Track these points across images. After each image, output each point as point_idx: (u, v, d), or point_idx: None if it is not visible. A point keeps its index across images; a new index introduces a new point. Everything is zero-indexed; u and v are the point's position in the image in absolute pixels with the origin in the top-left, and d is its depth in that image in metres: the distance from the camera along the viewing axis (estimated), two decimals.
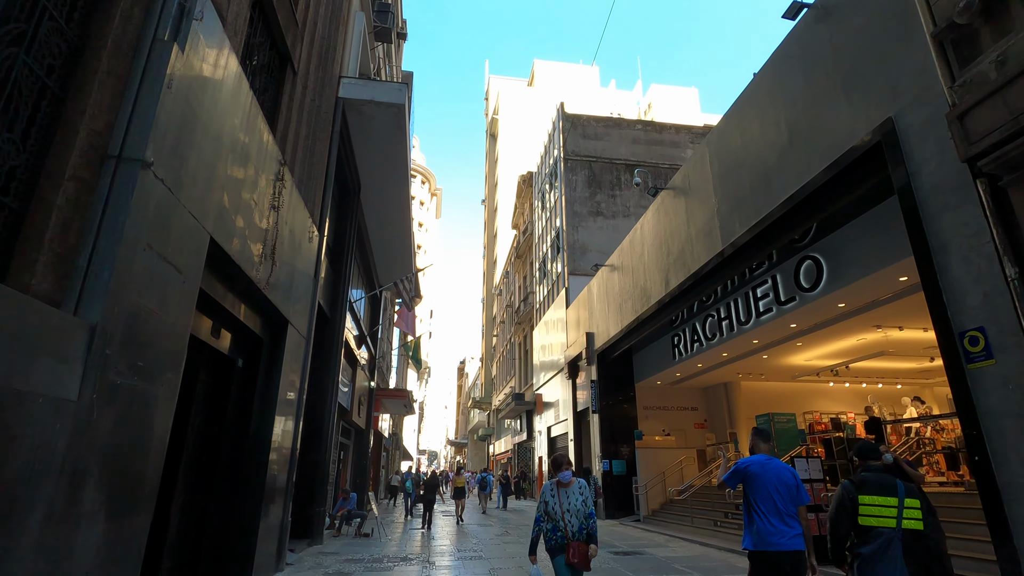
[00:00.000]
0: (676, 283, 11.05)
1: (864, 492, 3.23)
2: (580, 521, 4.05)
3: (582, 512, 4.08)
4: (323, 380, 10.46)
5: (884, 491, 3.18)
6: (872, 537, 3.10)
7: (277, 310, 6.57)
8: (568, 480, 4.18)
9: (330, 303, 10.98)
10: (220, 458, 5.98)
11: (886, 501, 3.16)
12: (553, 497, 4.16)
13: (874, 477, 3.28)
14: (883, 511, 3.13)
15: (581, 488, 4.17)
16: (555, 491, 4.18)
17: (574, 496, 4.12)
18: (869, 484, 3.24)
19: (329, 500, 12.82)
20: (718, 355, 12.72)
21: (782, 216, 8.05)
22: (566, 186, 22.43)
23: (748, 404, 15.82)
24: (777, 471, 3.59)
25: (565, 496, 4.13)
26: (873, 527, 3.12)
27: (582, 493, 4.14)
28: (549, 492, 4.20)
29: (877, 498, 3.17)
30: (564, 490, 4.16)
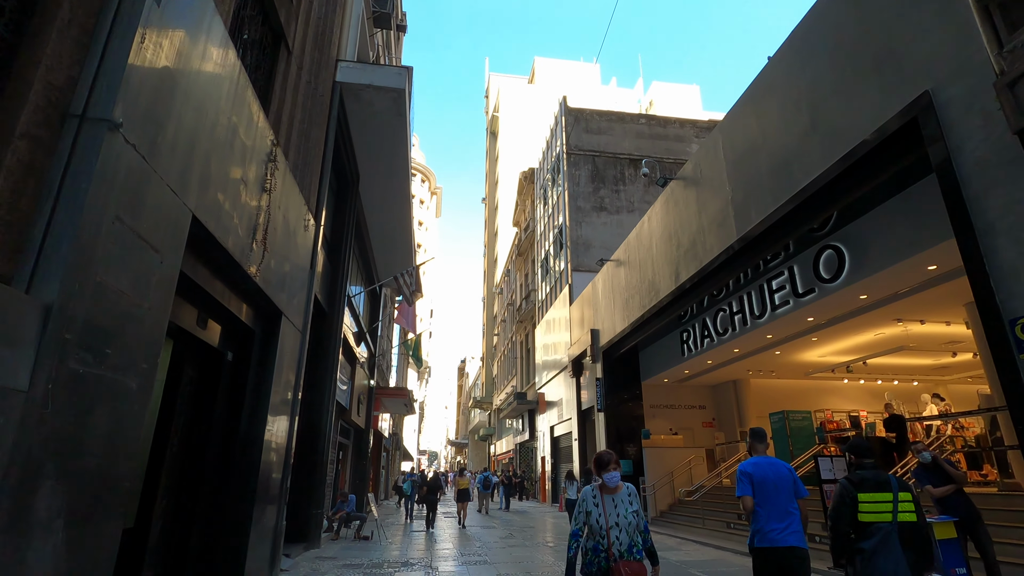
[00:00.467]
0: (687, 276, 10.64)
1: (862, 490, 3.32)
2: (630, 537, 3.14)
3: (633, 525, 3.18)
4: (320, 377, 10.06)
5: (880, 487, 3.30)
6: (871, 532, 3.22)
7: (270, 300, 6.17)
8: (616, 484, 3.28)
9: (328, 297, 10.57)
10: (208, 458, 5.57)
11: (882, 497, 3.27)
12: (597, 507, 3.24)
13: (870, 474, 3.38)
14: (880, 507, 3.25)
15: (631, 495, 3.29)
16: (599, 498, 3.27)
17: (623, 505, 3.22)
18: (866, 482, 3.34)
19: (327, 502, 12.43)
20: (729, 351, 12.31)
21: (803, 203, 7.65)
22: (569, 181, 22.03)
23: (758, 402, 15.42)
24: (775, 469, 3.68)
25: (611, 504, 3.23)
26: (872, 523, 3.24)
27: (632, 502, 3.24)
28: (591, 500, 3.28)
29: (874, 495, 3.29)
30: (610, 497, 3.25)
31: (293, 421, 7.41)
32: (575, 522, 3.35)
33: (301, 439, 9.57)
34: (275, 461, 6.68)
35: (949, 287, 8.13)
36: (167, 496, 5.06)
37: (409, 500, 15.36)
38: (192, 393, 5.47)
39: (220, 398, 5.79)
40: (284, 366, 6.90)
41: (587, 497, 3.32)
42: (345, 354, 13.19)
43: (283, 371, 6.86)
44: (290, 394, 7.30)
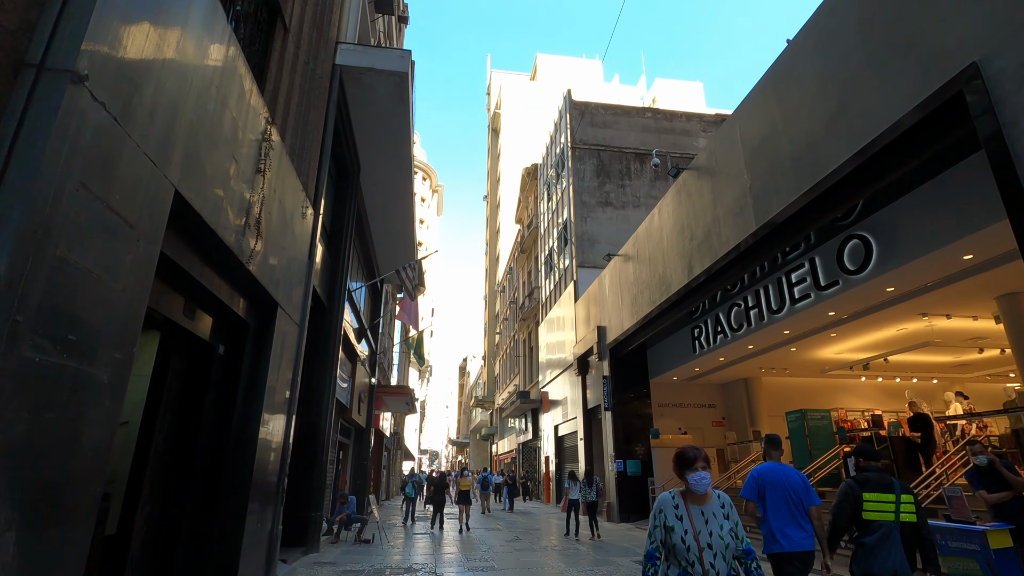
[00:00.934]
0: (701, 268, 10.22)
1: (866, 489, 3.48)
2: (728, 565, 2.39)
3: (731, 548, 2.41)
4: (319, 373, 9.67)
5: (884, 488, 3.46)
6: (873, 529, 3.37)
7: (264, 290, 5.76)
8: (705, 490, 2.48)
9: (327, 291, 10.17)
10: (198, 458, 5.16)
11: (886, 498, 3.42)
12: (681, 520, 2.45)
13: (875, 476, 3.54)
14: (883, 506, 3.40)
15: (725, 506, 2.51)
16: (682, 509, 2.48)
17: (715, 520, 2.43)
18: (871, 482, 3.50)
19: (327, 504, 12.04)
20: (743, 348, 11.90)
21: (828, 191, 7.25)
22: (574, 176, 21.61)
23: (770, 400, 15.01)
24: (787, 476, 3.81)
25: (700, 519, 2.44)
26: (874, 520, 3.38)
27: (728, 515, 2.47)
28: (672, 510, 2.49)
29: (878, 495, 3.44)
30: (698, 509, 2.47)
31: (290, 419, 7.01)
32: (649, 539, 2.56)
33: (299, 438, 9.17)
34: (271, 461, 6.29)
35: (980, 280, 7.73)
36: (152, 499, 4.67)
37: (410, 502, 14.76)
38: (180, 389, 5.07)
39: (211, 394, 5.39)
40: (280, 361, 6.50)
41: (666, 507, 2.51)
42: (345, 351, 12.80)
43: (279, 367, 6.46)
44: (287, 391, 6.90)
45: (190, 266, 4.42)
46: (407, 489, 14.91)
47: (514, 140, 51.43)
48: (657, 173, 22.40)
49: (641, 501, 14.49)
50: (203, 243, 4.47)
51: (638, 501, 14.49)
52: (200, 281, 4.61)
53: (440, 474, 13.95)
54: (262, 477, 5.96)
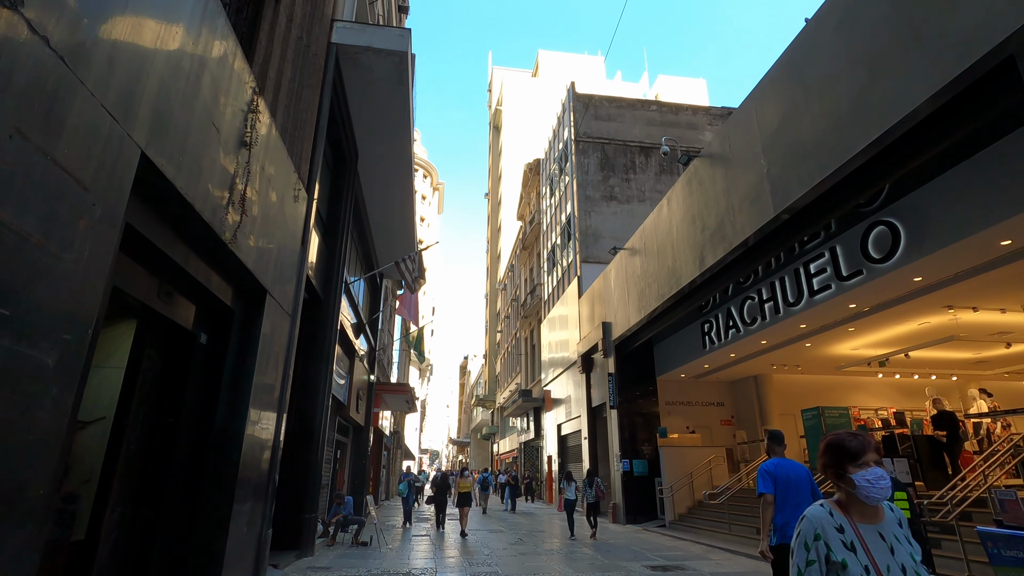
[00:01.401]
0: (714, 259, 9.76)
1: None
2: None
3: None
4: (315, 368, 9.24)
5: None
6: None
7: (251, 275, 5.33)
8: (883, 497, 1.69)
9: (323, 283, 9.74)
10: (176, 456, 4.73)
11: None
12: (853, 551, 1.65)
13: None
14: None
15: (902, 523, 1.78)
16: (850, 532, 1.69)
17: (900, 546, 1.68)
18: None
19: (324, 504, 11.61)
20: (756, 343, 11.45)
21: (854, 173, 6.83)
22: (578, 169, 21.16)
23: (781, 398, 14.57)
24: (795, 470, 3.96)
25: (880, 544, 1.67)
26: None
27: (908, 536, 1.73)
28: (835, 536, 1.69)
29: None
30: (874, 530, 1.70)
31: (281, 415, 6.58)
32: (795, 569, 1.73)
33: (293, 436, 8.75)
34: (260, 460, 5.85)
35: (1013, 269, 7.28)
36: (124, 501, 4.23)
37: (407, 502, 14.11)
38: (157, 381, 4.64)
39: (192, 387, 4.95)
40: (270, 353, 6.06)
41: (825, 530, 1.70)
42: (343, 346, 12.36)
43: (269, 359, 6.02)
44: (278, 385, 6.47)
45: (164, 243, 3.98)
46: (400, 487, 14.26)
47: (516, 137, 50.98)
48: (663, 167, 21.95)
49: (648, 502, 14.05)
50: (178, 217, 4.04)
51: (645, 502, 14.05)
52: (176, 260, 4.17)
53: (442, 473, 13.51)
54: (249, 477, 5.53)
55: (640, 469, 14.26)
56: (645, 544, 10.41)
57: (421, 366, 46.96)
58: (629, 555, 9.04)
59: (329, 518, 10.70)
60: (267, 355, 5.93)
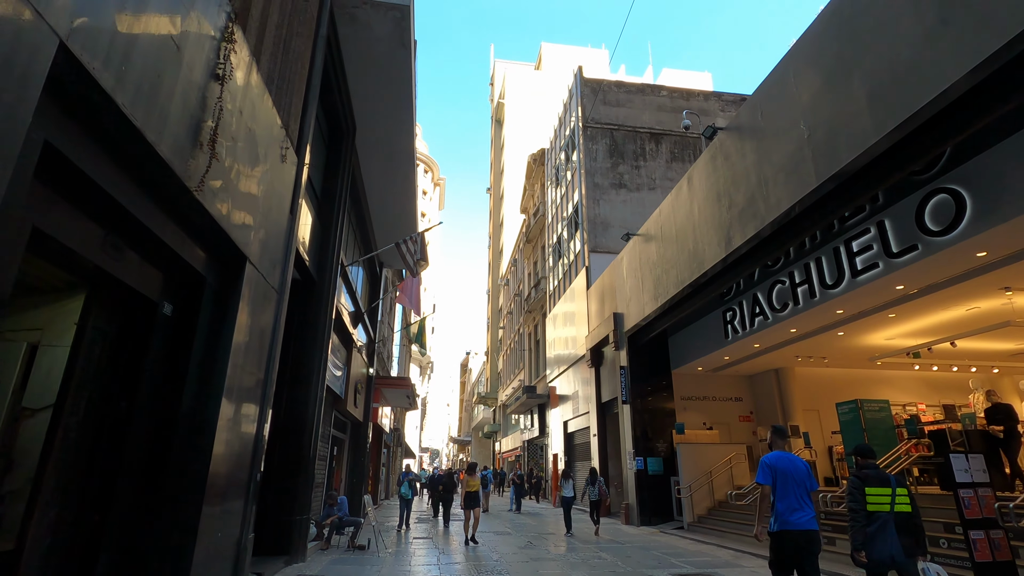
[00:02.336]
0: (743, 239, 8.95)
1: (868, 484, 4.04)
2: None
3: None
4: (307, 355, 8.45)
5: (882, 483, 4.02)
6: (873, 520, 3.92)
7: (227, 237, 4.52)
8: None
9: (317, 264, 8.93)
10: (127, 449, 3.93)
11: (883, 492, 3.98)
12: None
13: (873, 472, 4.12)
14: (881, 499, 3.95)
15: None
16: None
17: None
18: (871, 478, 4.07)
19: (320, 505, 10.82)
20: (784, 332, 10.63)
21: (918, 131, 6.02)
22: (585, 156, 20.34)
23: (804, 393, 13.78)
24: (793, 463, 4.18)
25: None
26: (874, 512, 3.93)
27: None
28: None
29: (878, 489, 4.00)
30: None
31: (266, 404, 5.77)
32: None
33: (282, 429, 7.96)
34: (237, 454, 5.05)
35: None
36: (59, 503, 3.43)
37: (406, 504, 12.55)
38: (106, 358, 3.83)
39: (151, 366, 4.15)
40: (251, 331, 5.26)
41: None
42: (339, 334, 11.57)
43: (250, 338, 5.22)
44: (262, 370, 5.66)
45: (104, 178, 3.17)
46: (402, 489, 12.62)
47: (518, 130, 50.16)
48: (674, 154, 21.14)
49: (664, 502, 13.25)
50: (123, 146, 3.22)
51: (661, 502, 13.24)
52: (121, 202, 3.35)
53: (448, 472, 12.66)
54: (224, 474, 4.73)
55: (655, 467, 13.45)
56: (666, 549, 9.61)
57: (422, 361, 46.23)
58: (652, 562, 8.24)
59: (322, 519, 9.90)
60: (247, 333, 5.12)
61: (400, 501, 12.69)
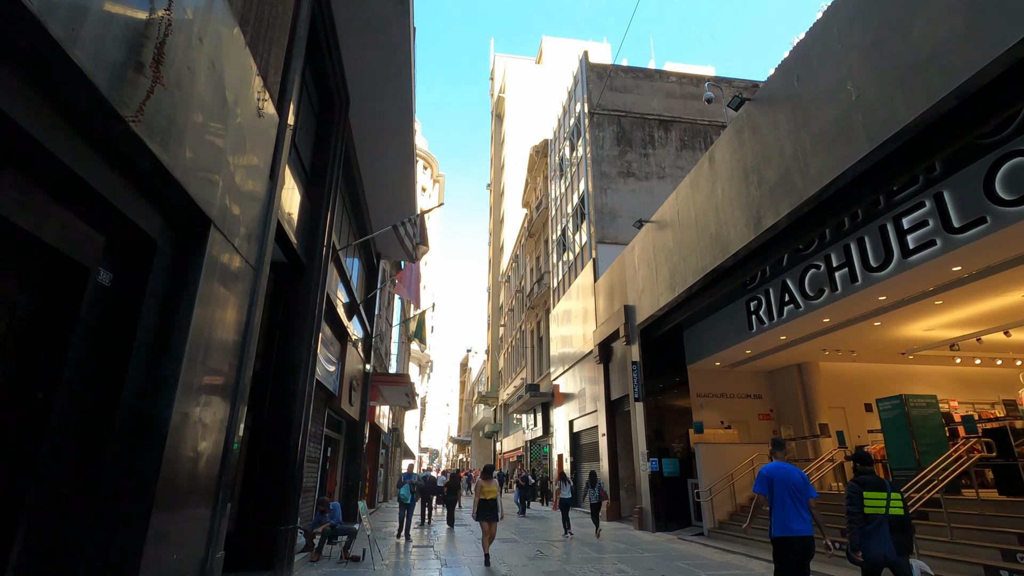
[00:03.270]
0: (776, 218, 8.11)
1: (866, 489, 4.35)
2: None
3: None
4: (295, 347, 7.60)
5: (878, 487, 4.34)
6: (870, 521, 4.23)
7: (181, 191, 3.66)
8: None
9: (306, 245, 8.08)
10: (43, 449, 3.06)
11: (880, 495, 4.29)
12: None
13: (870, 478, 4.44)
14: (877, 502, 4.25)
15: None
16: None
17: None
18: (868, 483, 4.39)
19: (311, 511, 9.98)
20: (816, 322, 9.79)
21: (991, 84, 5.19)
22: (592, 143, 19.49)
23: (829, 389, 12.94)
24: (789, 473, 4.52)
25: None
26: (871, 514, 4.24)
27: None
28: None
29: (874, 493, 4.31)
30: None
31: (239, 398, 4.91)
32: None
33: (266, 429, 7.12)
34: (199, 458, 4.19)
35: None
36: None
37: (406, 509, 11.40)
38: (12, 337, 2.98)
39: (79, 347, 3.29)
40: (219, 313, 4.40)
41: None
42: (333, 327, 10.72)
43: (217, 320, 4.36)
44: (234, 358, 4.80)
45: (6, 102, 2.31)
46: (401, 492, 11.41)
47: (519, 125, 49.30)
48: (684, 141, 20.30)
49: (680, 506, 12.41)
50: (18, 42, 2.36)
51: (677, 506, 12.40)
52: (22, 125, 2.49)
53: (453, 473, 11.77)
54: (182, 480, 3.88)
55: (671, 469, 12.61)
56: (690, 559, 8.76)
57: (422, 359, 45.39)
58: (678, 573, 7.40)
59: (312, 528, 9.05)
60: (213, 314, 4.27)
61: (400, 506, 11.58)
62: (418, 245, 9.37)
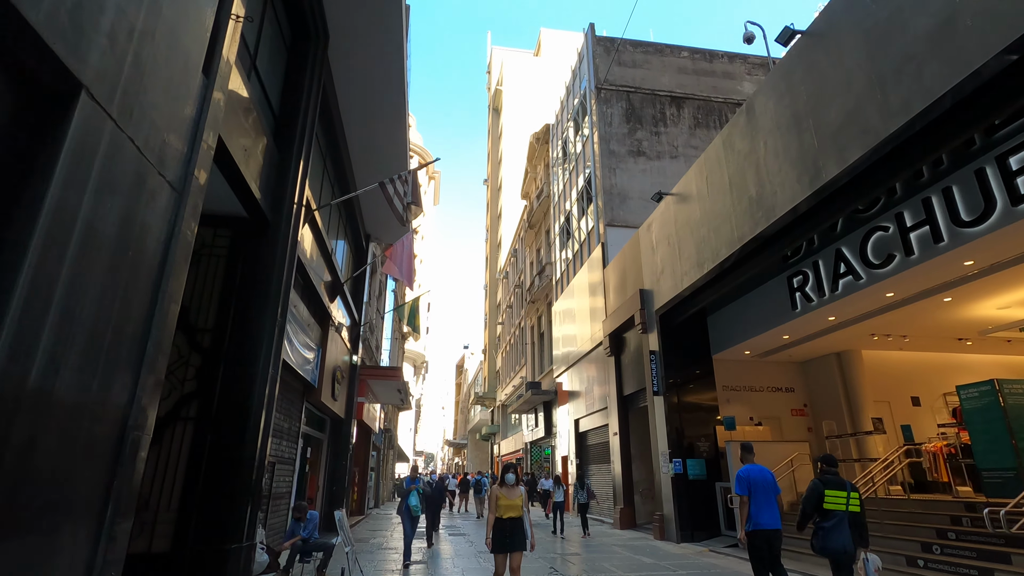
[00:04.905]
0: (840, 167, 6.71)
1: (827, 487, 4.75)
2: None
3: None
4: (254, 320, 6.11)
5: (839, 487, 4.76)
6: (830, 516, 4.66)
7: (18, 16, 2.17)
8: None
9: (272, 198, 6.61)
10: None
11: (840, 494, 4.72)
12: None
13: (833, 478, 4.83)
14: (837, 500, 4.70)
15: None
16: None
17: None
18: (830, 482, 4.78)
19: (284, 522, 8.49)
20: (877, 297, 8.37)
21: None
22: (599, 120, 18.09)
23: (874, 380, 11.53)
24: (762, 474, 5.30)
25: None
26: (832, 510, 4.67)
27: None
28: None
29: (835, 491, 4.73)
30: None
31: (147, 371, 3.41)
32: None
33: (214, 421, 5.63)
34: (72, 455, 2.69)
35: None
36: None
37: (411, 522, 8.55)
38: None
39: None
40: (100, 224, 2.90)
41: None
42: (310, 305, 9.24)
43: (97, 234, 2.87)
44: (139, 310, 3.31)
45: None
46: (410, 501, 8.57)
47: (517, 118, 47.95)
48: (698, 120, 18.94)
49: (708, 513, 10.96)
50: None
51: (704, 513, 10.94)
52: None
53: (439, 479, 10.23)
54: (26, 489, 2.38)
55: (696, 471, 11.16)
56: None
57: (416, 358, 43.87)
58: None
59: (286, 539, 7.54)
60: (91, 224, 2.78)
61: (405, 519, 8.57)
62: (410, 206, 7.91)
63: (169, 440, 5.52)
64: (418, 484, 9.06)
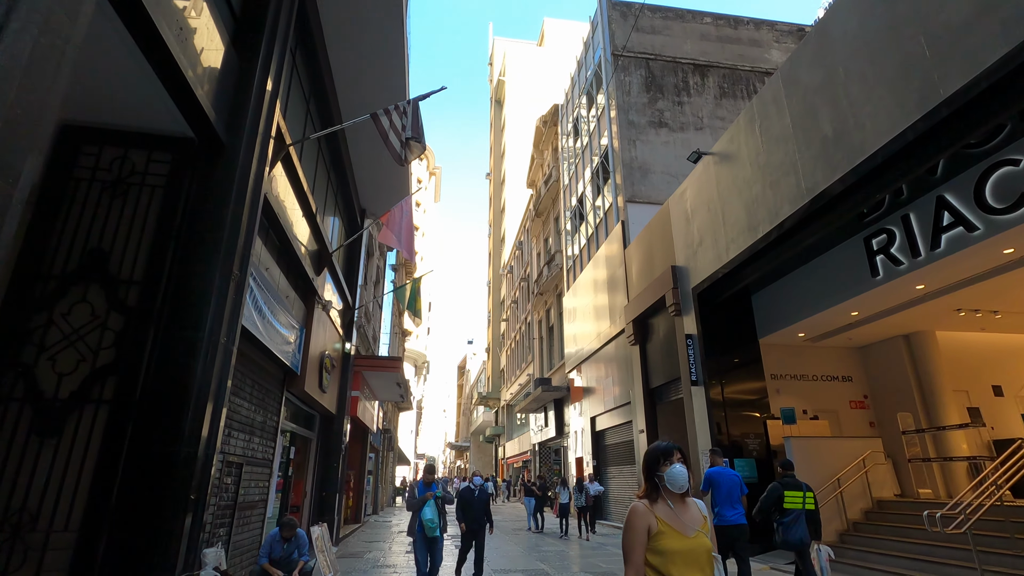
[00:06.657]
0: (965, 80, 5.13)
1: (786, 488, 5.66)
2: None
3: None
4: (200, 272, 4.52)
5: (796, 488, 5.63)
6: (788, 513, 5.54)
7: None
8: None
9: (228, 114, 5.01)
10: None
11: (797, 494, 5.60)
12: None
13: (791, 480, 5.74)
14: (795, 499, 5.54)
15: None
16: None
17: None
18: (789, 484, 5.68)
19: (257, 540, 6.92)
20: (993, 254, 6.73)
21: None
22: (617, 90, 16.53)
23: (951, 367, 9.92)
24: (728, 476, 6.15)
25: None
26: (790, 508, 5.53)
27: None
28: None
29: (793, 492, 5.62)
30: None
31: None
32: None
33: (139, 406, 4.05)
34: None
35: None
36: None
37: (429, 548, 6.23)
38: None
39: None
40: None
41: None
42: (289, 274, 7.68)
43: None
44: None
45: None
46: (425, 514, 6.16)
47: (520, 109, 46.44)
48: (724, 89, 17.38)
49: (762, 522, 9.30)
50: None
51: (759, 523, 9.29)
52: None
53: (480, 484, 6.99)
54: None
55: (747, 473, 9.52)
56: None
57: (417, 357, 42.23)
58: None
59: (262, 561, 5.94)
60: None
61: (418, 543, 6.24)
62: (409, 142, 6.35)
63: (72, 431, 3.90)
64: (436, 490, 6.42)
